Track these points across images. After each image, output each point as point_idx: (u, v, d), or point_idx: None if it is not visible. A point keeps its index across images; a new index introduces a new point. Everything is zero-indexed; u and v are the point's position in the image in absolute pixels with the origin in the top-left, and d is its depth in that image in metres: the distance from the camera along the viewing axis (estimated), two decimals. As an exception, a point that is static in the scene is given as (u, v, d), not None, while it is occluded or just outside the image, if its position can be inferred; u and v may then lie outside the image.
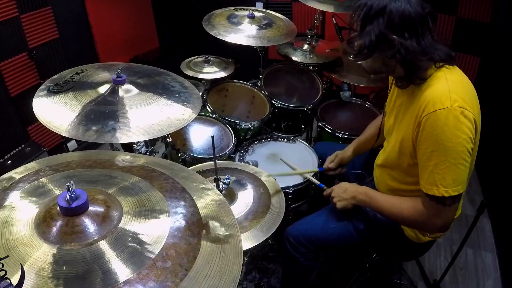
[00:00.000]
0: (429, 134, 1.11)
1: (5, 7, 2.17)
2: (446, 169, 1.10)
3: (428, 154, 1.12)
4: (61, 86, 1.26)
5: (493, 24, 2.59)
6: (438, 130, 1.08)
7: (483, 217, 2.38)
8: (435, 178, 1.12)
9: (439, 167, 1.11)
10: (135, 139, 1.16)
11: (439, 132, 1.08)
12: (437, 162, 1.11)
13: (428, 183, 1.15)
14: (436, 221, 1.18)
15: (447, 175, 1.11)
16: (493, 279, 2.06)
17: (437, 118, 1.09)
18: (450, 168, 1.10)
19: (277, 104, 2.20)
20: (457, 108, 1.07)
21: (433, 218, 1.18)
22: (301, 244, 1.50)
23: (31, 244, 0.69)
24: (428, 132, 1.11)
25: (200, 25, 2.10)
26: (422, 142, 1.14)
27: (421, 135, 1.14)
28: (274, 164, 1.87)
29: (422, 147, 1.14)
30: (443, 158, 1.10)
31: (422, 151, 1.15)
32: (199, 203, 0.85)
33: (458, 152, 1.09)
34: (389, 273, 2.05)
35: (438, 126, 1.08)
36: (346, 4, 2.25)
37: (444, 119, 1.08)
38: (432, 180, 1.13)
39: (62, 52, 2.62)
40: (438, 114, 1.08)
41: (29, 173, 0.88)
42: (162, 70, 1.49)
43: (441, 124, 1.08)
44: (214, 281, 0.68)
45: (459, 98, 1.09)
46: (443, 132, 1.08)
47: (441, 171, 1.11)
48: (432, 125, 1.10)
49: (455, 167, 1.10)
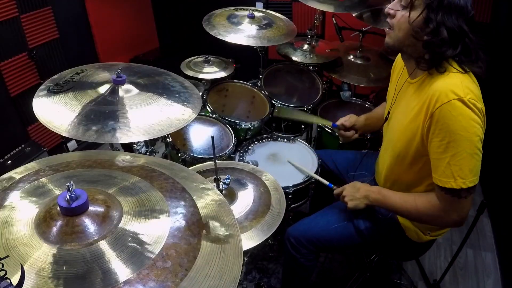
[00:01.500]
0: (444, 125, 1.10)
1: (5, 7, 2.17)
2: (463, 160, 1.09)
3: (444, 145, 1.11)
4: (61, 86, 1.26)
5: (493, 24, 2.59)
6: (454, 120, 1.08)
7: (483, 217, 2.38)
8: (452, 170, 1.11)
9: (456, 158, 1.10)
10: (135, 139, 1.15)
11: (455, 121, 1.08)
12: (454, 153, 1.10)
13: (444, 176, 1.13)
14: (452, 214, 1.18)
15: (464, 166, 1.10)
16: (493, 279, 2.06)
17: (452, 108, 1.08)
18: (467, 158, 1.09)
19: (277, 104, 2.20)
20: (471, 100, 1.08)
21: (449, 212, 1.18)
22: (302, 245, 1.50)
23: (31, 244, 0.69)
24: (443, 123, 1.10)
25: (200, 25, 2.10)
26: (437, 134, 1.12)
27: (435, 127, 1.12)
28: (274, 164, 1.87)
29: (437, 139, 1.13)
30: (460, 149, 1.09)
31: (437, 143, 1.13)
32: (199, 203, 0.85)
33: (474, 142, 1.09)
34: (389, 273, 2.05)
35: (454, 116, 1.08)
36: (346, 4, 2.25)
37: (459, 108, 1.07)
38: (449, 173, 1.12)
39: (62, 52, 2.63)
40: (453, 103, 1.08)
41: (29, 173, 0.88)
42: (162, 70, 1.49)
43: (456, 113, 1.08)
44: (214, 281, 0.68)
45: (470, 91, 1.09)
46: (459, 121, 1.08)
47: (458, 162, 1.10)
48: (447, 115, 1.09)
49: (471, 157, 1.09)
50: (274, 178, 1.53)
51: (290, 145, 2.03)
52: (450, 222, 1.23)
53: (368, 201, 1.38)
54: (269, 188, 1.47)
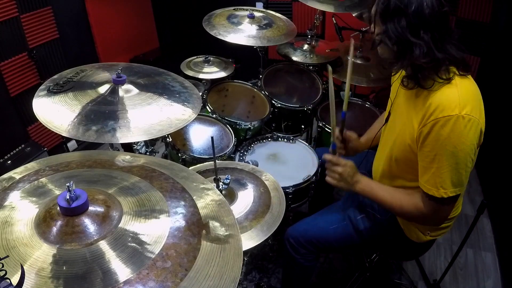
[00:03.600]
0: (434, 139, 1.11)
1: (5, 7, 2.17)
2: (447, 173, 1.11)
3: (432, 156, 1.13)
4: (61, 86, 1.26)
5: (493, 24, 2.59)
6: (445, 135, 1.09)
7: (483, 217, 2.38)
8: (436, 180, 1.14)
9: (440, 171, 1.12)
10: (135, 139, 1.15)
11: (445, 137, 1.09)
12: (440, 166, 1.12)
13: (429, 184, 1.16)
14: (433, 216, 1.22)
15: (447, 179, 1.12)
16: (493, 279, 2.06)
17: (444, 124, 1.08)
18: (451, 172, 1.11)
19: (277, 104, 2.20)
20: (465, 116, 1.07)
21: (430, 215, 1.21)
22: (301, 245, 1.50)
23: (31, 244, 0.69)
24: (434, 137, 1.11)
25: (200, 25, 2.10)
26: (426, 145, 1.14)
27: (425, 138, 1.14)
28: (274, 164, 1.87)
29: (426, 149, 1.15)
30: (446, 163, 1.11)
31: (425, 153, 1.15)
32: (199, 203, 0.85)
33: (461, 158, 1.10)
34: (389, 273, 2.05)
35: (445, 132, 1.09)
36: (346, 4, 2.25)
37: (451, 125, 1.08)
38: (432, 182, 1.15)
39: (62, 52, 2.62)
40: (446, 120, 1.08)
41: (29, 173, 0.88)
42: (162, 70, 1.49)
43: (448, 130, 1.08)
44: (214, 281, 0.68)
45: (468, 105, 1.09)
46: (449, 138, 1.08)
47: (443, 175, 1.12)
48: (439, 130, 1.10)
49: (456, 171, 1.11)
50: (274, 178, 1.53)
51: (290, 145, 2.03)
52: (429, 223, 1.29)
53: (354, 189, 1.35)
54: (269, 188, 1.47)
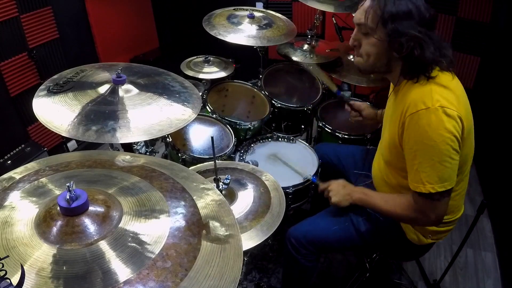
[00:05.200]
0: (412, 134, 1.13)
1: (5, 7, 2.17)
2: (430, 168, 1.12)
3: (413, 153, 1.15)
4: (61, 86, 1.26)
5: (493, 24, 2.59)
6: (421, 130, 1.10)
7: (483, 217, 2.38)
8: (421, 176, 1.14)
9: (423, 166, 1.13)
10: (135, 139, 1.15)
11: (422, 132, 1.10)
12: (421, 161, 1.13)
13: (414, 181, 1.17)
14: (429, 214, 1.21)
15: (432, 173, 1.12)
16: (493, 279, 2.06)
17: (419, 118, 1.10)
18: (434, 166, 1.12)
19: (277, 104, 2.20)
20: (439, 108, 1.09)
21: (425, 212, 1.21)
22: (302, 246, 1.50)
23: (31, 244, 0.69)
24: (411, 132, 1.13)
25: (200, 25, 2.10)
26: (407, 142, 1.16)
27: (405, 135, 1.16)
28: (274, 164, 1.87)
29: (407, 147, 1.17)
30: (427, 157, 1.12)
31: (407, 150, 1.18)
32: (199, 203, 0.85)
33: (442, 150, 1.10)
34: (389, 273, 2.05)
35: (420, 126, 1.10)
36: (346, 4, 2.25)
37: (426, 119, 1.09)
38: (418, 178, 1.15)
39: (62, 52, 2.62)
40: (420, 114, 1.10)
41: (29, 173, 0.88)
42: (162, 70, 1.49)
43: (423, 124, 1.10)
44: (214, 281, 0.68)
45: (441, 98, 1.10)
46: (426, 132, 1.10)
47: (426, 169, 1.13)
48: (415, 125, 1.12)
49: (439, 165, 1.11)
50: (274, 178, 1.53)
51: (290, 145, 2.03)
52: (427, 222, 1.27)
53: (351, 199, 1.41)
54: (269, 188, 1.47)
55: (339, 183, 1.48)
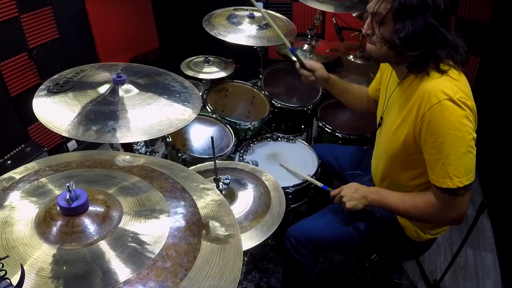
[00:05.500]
0: (436, 126, 1.10)
1: (5, 7, 2.17)
2: (458, 159, 1.10)
3: (438, 146, 1.12)
4: (61, 86, 1.26)
5: (493, 24, 2.59)
6: (446, 120, 1.08)
7: (483, 217, 2.38)
8: (448, 170, 1.11)
9: (450, 158, 1.10)
10: (135, 139, 1.15)
11: (447, 122, 1.08)
12: (448, 153, 1.10)
13: (440, 177, 1.14)
14: (450, 212, 1.18)
15: (459, 165, 1.11)
16: (493, 279, 2.06)
17: (442, 108, 1.08)
18: (461, 157, 1.10)
19: (277, 104, 2.20)
20: (460, 99, 1.08)
21: (447, 210, 1.18)
22: (302, 245, 1.50)
23: (31, 244, 0.69)
24: (435, 124, 1.11)
25: (200, 25, 2.10)
26: (430, 136, 1.13)
27: (427, 129, 1.13)
28: (274, 164, 1.87)
29: (430, 141, 1.13)
30: (454, 149, 1.09)
31: (430, 145, 1.14)
32: (199, 203, 0.85)
33: (467, 140, 1.09)
34: (389, 273, 2.05)
35: (445, 116, 1.08)
36: (346, 4, 2.25)
37: (450, 108, 1.08)
38: (444, 173, 1.12)
39: (62, 52, 2.62)
40: (443, 104, 1.08)
41: (29, 173, 0.88)
42: (162, 70, 1.49)
43: (447, 113, 1.08)
44: (214, 281, 0.68)
45: (460, 91, 1.10)
46: (451, 121, 1.08)
47: (453, 162, 1.10)
48: (439, 116, 1.09)
49: (465, 156, 1.10)
50: (274, 178, 1.53)
51: (290, 145, 2.03)
52: (449, 221, 1.24)
53: (366, 201, 1.36)
54: (269, 188, 1.47)
55: (351, 187, 1.42)
